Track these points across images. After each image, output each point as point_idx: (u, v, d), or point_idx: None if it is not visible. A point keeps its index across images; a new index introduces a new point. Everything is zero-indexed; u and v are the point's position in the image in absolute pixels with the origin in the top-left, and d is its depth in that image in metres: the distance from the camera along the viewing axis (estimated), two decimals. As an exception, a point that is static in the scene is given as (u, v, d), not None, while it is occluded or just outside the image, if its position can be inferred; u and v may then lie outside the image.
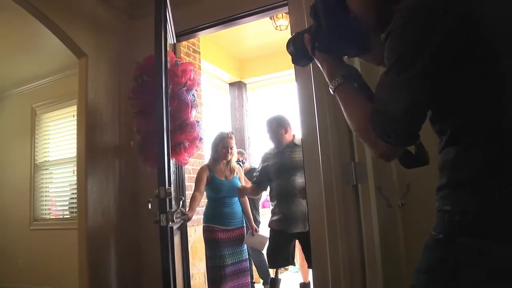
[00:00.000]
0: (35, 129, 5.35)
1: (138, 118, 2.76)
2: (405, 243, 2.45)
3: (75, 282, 3.20)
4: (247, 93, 6.03)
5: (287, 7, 2.70)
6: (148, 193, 2.66)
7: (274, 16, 4.14)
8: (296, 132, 3.34)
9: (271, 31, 4.59)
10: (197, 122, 2.71)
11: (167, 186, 2.13)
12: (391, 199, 2.25)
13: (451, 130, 0.93)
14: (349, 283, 2.00)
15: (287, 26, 4.27)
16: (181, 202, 2.64)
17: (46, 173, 5.26)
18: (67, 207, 5.06)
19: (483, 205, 0.84)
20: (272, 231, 3.29)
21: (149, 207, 2.16)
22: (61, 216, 5.08)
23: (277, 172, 3.26)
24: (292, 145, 3.29)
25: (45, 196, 5.23)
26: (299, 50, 1.20)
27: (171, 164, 2.55)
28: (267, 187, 3.45)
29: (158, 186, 2.12)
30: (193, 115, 2.72)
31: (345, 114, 1.07)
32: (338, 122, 1.91)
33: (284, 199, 3.20)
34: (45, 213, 5.20)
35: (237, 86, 5.90)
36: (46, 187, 5.23)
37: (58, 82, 5.06)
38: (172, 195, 2.22)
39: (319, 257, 2.19)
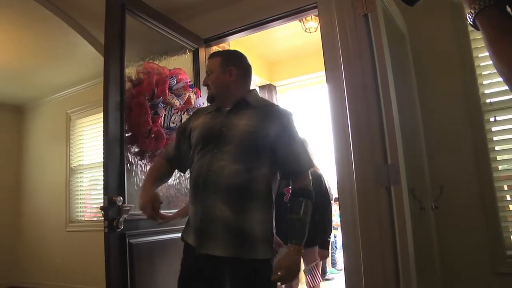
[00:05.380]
0: (70, 134, 5.53)
1: None
2: (438, 246, 2.41)
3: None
4: (277, 95, 6.02)
5: (316, 9, 2.71)
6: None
7: (303, 18, 4.14)
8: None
9: (300, 34, 4.59)
10: (170, 129, 2.61)
11: (112, 195, 2.16)
12: (424, 201, 2.23)
13: None
14: (383, 285, 1.98)
15: (316, 28, 4.27)
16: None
17: (80, 177, 5.43)
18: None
19: None
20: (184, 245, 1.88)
21: (102, 214, 2.17)
22: (95, 218, 5.21)
23: (202, 141, 1.83)
24: (244, 103, 1.85)
25: (80, 199, 5.39)
26: None
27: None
28: (180, 164, 2.02)
29: (104, 195, 2.16)
30: (169, 122, 2.63)
31: (491, 51, 0.79)
32: (370, 123, 1.90)
33: (198, 193, 1.75)
34: (80, 215, 5.35)
35: (267, 88, 5.90)
36: (80, 190, 5.39)
37: (92, 88, 5.22)
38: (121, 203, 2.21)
39: (352, 263, 2.18)
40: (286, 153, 1.78)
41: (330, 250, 3.47)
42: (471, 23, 0.84)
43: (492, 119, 2.38)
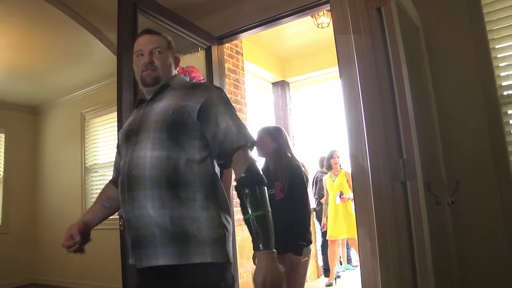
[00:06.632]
0: (85, 134, 5.61)
1: None
2: (455, 241, 2.38)
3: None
4: (290, 92, 6.02)
5: (328, 4, 2.69)
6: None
7: (315, 14, 4.12)
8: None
9: (312, 29, 4.58)
10: None
11: None
12: (440, 196, 2.20)
13: None
14: (399, 282, 1.96)
15: (328, 24, 4.25)
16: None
17: (95, 176, 5.49)
18: (116, 208, 5.25)
19: None
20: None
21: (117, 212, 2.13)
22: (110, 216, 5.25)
23: (122, 141, 1.59)
24: (166, 87, 1.60)
25: (95, 197, 5.44)
26: None
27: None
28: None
29: None
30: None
31: None
32: (385, 118, 1.88)
33: (126, 195, 1.46)
34: (96, 214, 5.40)
35: (280, 85, 5.90)
36: (96, 188, 5.45)
37: (105, 88, 5.28)
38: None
39: (368, 259, 2.16)
40: (215, 131, 1.44)
41: (303, 257, 2.57)
42: None
43: (510, 111, 2.33)
